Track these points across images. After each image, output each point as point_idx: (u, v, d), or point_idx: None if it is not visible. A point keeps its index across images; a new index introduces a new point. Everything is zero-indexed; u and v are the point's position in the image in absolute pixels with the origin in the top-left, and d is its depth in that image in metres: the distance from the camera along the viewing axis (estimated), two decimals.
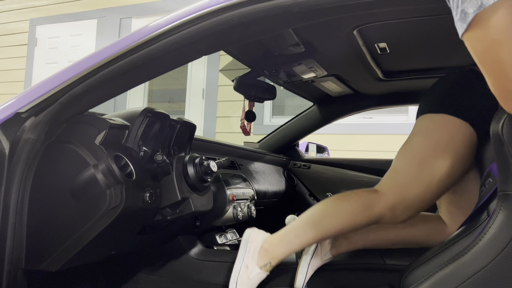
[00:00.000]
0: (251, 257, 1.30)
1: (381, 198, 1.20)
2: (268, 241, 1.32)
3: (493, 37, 0.67)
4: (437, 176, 1.16)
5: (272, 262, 1.30)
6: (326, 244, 1.39)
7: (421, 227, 1.36)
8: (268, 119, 4.60)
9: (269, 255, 1.29)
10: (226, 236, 1.74)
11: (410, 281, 0.93)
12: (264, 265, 1.29)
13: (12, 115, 1.09)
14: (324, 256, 1.39)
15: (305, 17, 0.95)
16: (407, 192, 1.19)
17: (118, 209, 1.08)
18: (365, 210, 1.21)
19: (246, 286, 1.28)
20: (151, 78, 1.21)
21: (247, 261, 1.30)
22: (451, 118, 1.17)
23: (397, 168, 1.24)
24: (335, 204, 1.27)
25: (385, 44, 1.46)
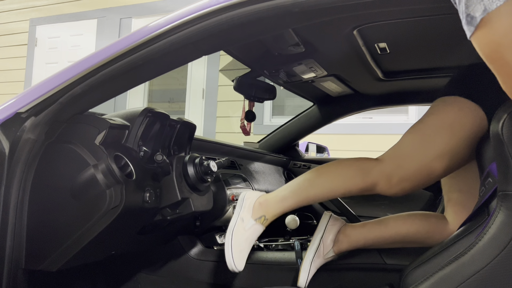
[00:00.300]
0: (246, 211, 1.33)
1: (378, 164, 1.22)
2: (263, 197, 1.35)
3: (498, 40, 0.68)
4: (438, 151, 1.17)
5: (266, 215, 1.31)
6: (328, 242, 1.39)
7: (422, 225, 1.37)
8: (268, 119, 4.60)
9: (263, 209, 1.31)
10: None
11: (410, 281, 0.93)
12: (258, 217, 1.31)
13: (12, 115, 1.09)
14: (327, 254, 1.39)
15: (305, 17, 0.95)
16: (405, 163, 1.20)
17: (118, 209, 1.08)
18: (361, 174, 1.22)
19: (242, 237, 1.29)
20: (151, 78, 1.21)
21: (243, 214, 1.32)
22: (462, 100, 1.18)
23: (401, 141, 1.26)
24: (332, 165, 1.30)
25: (385, 44, 1.46)
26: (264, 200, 1.33)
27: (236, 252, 1.27)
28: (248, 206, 1.33)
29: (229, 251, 1.27)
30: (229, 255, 1.27)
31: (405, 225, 1.38)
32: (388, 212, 2.28)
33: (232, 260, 1.26)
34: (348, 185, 1.24)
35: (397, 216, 1.42)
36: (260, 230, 1.32)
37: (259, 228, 1.32)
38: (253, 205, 1.33)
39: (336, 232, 1.41)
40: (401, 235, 1.38)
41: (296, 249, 1.50)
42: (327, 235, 1.40)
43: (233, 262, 1.26)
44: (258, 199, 1.34)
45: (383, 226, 1.40)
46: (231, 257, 1.26)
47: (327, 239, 1.40)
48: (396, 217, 1.42)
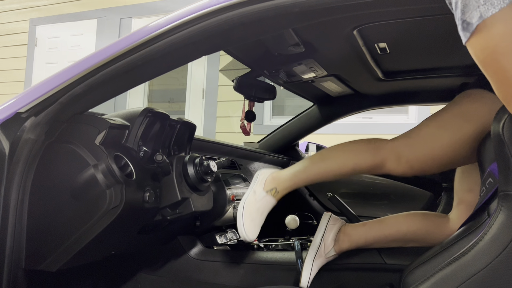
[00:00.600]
0: (259, 184, 1.36)
1: (390, 142, 1.26)
2: (276, 172, 1.38)
3: (493, 47, 0.69)
4: (451, 137, 1.17)
5: (278, 188, 1.34)
6: (329, 242, 1.40)
7: (422, 224, 1.37)
8: (268, 119, 4.60)
9: (275, 182, 1.35)
10: (226, 236, 1.74)
11: (410, 281, 0.93)
12: (270, 189, 1.34)
13: (12, 115, 1.09)
14: (328, 253, 1.40)
15: (305, 17, 0.95)
16: (417, 145, 1.22)
17: (118, 209, 1.08)
18: (372, 150, 1.25)
19: (253, 207, 1.33)
20: (151, 78, 1.21)
21: (255, 187, 1.36)
22: (487, 93, 1.17)
23: (416, 126, 1.28)
24: (345, 142, 1.33)
25: (385, 44, 1.45)
26: (276, 175, 1.36)
27: (247, 221, 1.31)
28: (261, 180, 1.37)
29: (240, 221, 1.31)
30: (240, 224, 1.30)
31: (405, 224, 1.38)
32: (388, 212, 2.28)
33: (244, 229, 1.30)
34: (358, 161, 1.26)
35: (397, 216, 1.42)
36: (272, 202, 1.35)
37: (271, 200, 1.35)
38: (265, 179, 1.36)
39: (337, 231, 1.42)
40: (401, 233, 1.39)
41: (296, 249, 1.50)
42: (328, 234, 1.41)
43: (244, 231, 1.30)
44: (272, 174, 1.37)
45: (384, 225, 1.40)
46: (242, 227, 1.30)
47: (328, 238, 1.40)
48: (396, 216, 1.42)
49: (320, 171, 1.31)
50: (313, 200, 2.39)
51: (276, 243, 1.68)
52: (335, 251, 1.41)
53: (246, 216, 1.32)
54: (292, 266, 1.49)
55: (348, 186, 2.40)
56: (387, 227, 1.40)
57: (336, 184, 2.40)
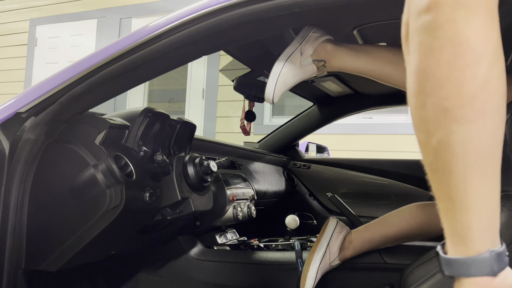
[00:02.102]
0: (309, 45, 1.18)
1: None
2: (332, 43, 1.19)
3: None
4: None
5: (327, 63, 1.18)
6: (334, 250, 1.39)
7: (424, 217, 1.35)
8: (268, 119, 4.60)
9: (328, 54, 1.18)
10: (226, 236, 1.74)
11: (410, 281, 0.93)
12: (318, 60, 1.18)
13: (12, 115, 1.09)
14: (332, 262, 1.39)
15: (305, 17, 0.95)
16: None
17: (118, 209, 1.08)
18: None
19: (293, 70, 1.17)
20: (151, 78, 1.21)
21: (304, 48, 1.18)
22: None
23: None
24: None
25: (385, 44, 1.45)
26: (332, 47, 1.18)
27: (280, 82, 1.16)
28: (313, 41, 1.18)
29: (275, 78, 1.15)
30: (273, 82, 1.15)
31: (407, 220, 1.36)
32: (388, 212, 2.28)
33: (274, 89, 1.15)
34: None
35: (398, 212, 1.41)
36: (313, 72, 1.19)
37: (313, 70, 1.19)
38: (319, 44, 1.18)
39: (343, 239, 1.40)
40: (404, 231, 1.37)
41: (296, 249, 1.50)
42: (334, 242, 1.38)
43: (273, 91, 1.15)
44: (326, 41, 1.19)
45: (386, 226, 1.39)
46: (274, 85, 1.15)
47: (333, 246, 1.38)
48: (397, 213, 1.40)
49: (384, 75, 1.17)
50: (313, 200, 2.39)
51: (276, 243, 1.68)
52: (339, 260, 1.40)
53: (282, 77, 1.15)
54: (292, 266, 1.49)
55: (348, 186, 2.40)
56: (390, 228, 1.38)
57: (336, 184, 2.41)
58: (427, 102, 0.45)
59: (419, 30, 0.46)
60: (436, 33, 0.44)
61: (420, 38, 0.46)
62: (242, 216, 1.68)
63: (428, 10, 0.45)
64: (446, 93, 0.44)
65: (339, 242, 1.38)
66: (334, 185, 2.39)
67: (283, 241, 1.69)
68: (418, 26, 0.47)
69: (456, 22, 0.43)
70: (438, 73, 0.44)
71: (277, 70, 1.17)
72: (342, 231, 1.40)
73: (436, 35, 0.44)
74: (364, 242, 1.40)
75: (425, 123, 0.46)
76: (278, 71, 1.16)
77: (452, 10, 0.43)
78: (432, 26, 0.45)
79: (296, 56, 1.18)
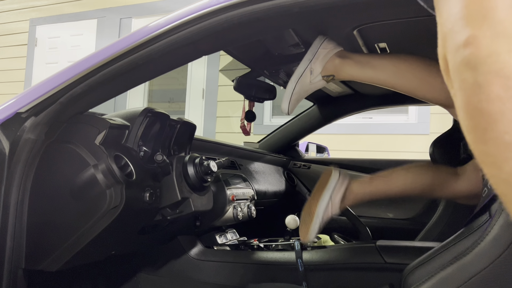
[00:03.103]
0: (319, 63, 1.29)
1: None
2: (340, 57, 1.28)
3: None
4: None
5: (336, 76, 1.29)
6: (336, 201, 1.38)
7: (429, 180, 1.35)
8: (268, 119, 4.60)
9: (336, 69, 1.28)
10: (226, 236, 1.74)
11: (411, 281, 0.93)
12: (327, 75, 1.29)
13: (12, 115, 1.09)
14: (334, 211, 1.39)
15: (305, 17, 0.95)
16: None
17: (118, 209, 1.08)
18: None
19: (305, 87, 1.31)
20: (151, 78, 1.21)
21: (314, 66, 1.29)
22: None
23: None
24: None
25: (385, 44, 1.45)
26: (340, 62, 1.27)
27: (294, 99, 1.31)
28: (322, 58, 1.28)
29: (289, 96, 1.31)
30: (287, 99, 1.31)
31: (412, 180, 1.35)
32: (388, 212, 2.28)
33: (289, 104, 1.32)
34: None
35: (404, 170, 1.38)
36: (323, 85, 1.33)
37: (323, 84, 1.32)
38: (328, 60, 1.28)
39: (345, 190, 1.39)
40: (407, 191, 1.37)
41: (296, 249, 1.50)
42: (336, 193, 1.38)
43: (288, 106, 1.32)
44: (336, 56, 1.28)
45: (390, 183, 1.38)
46: (288, 102, 1.31)
47: (336, 197, 1.37)
48: (403, 171, 1.38)
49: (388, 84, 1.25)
50: None
51: (276, 243, 1.68)
52: (339, 210, 1.39)
53: (296, 94, 1.30)
54: (292, 266, 1.49)
55: None
56: (393, 184, 1.37)
57: None
58: (486, 138, 0.43)
59: (460, 67, 0.44)
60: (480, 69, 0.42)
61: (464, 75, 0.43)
62: (242, 216, 1.68)
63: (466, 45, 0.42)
64: (504, 128, 0.41)
65: (341, 194, 1.37)
66: None
67: (283, 241, 1.69)
68: (458, 62, 0.44)
69: (498, 54, 0.41)
70: (490, 108, 0.41)
71: (290, 89, 1.31)
72: (345, 181, 1.39)
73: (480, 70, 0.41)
74: (365, 194, 1.39)
75: (490, 157, 0.43)
76: (291, 90, 1.31)
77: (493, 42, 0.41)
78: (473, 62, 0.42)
79: (307, 75, 1.30)
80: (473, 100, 0.43)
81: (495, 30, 0.41)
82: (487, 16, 0.42)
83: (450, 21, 0.45)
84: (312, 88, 1.32)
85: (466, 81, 0.43)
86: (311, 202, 1.40)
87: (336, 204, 1.38)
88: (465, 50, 0.43)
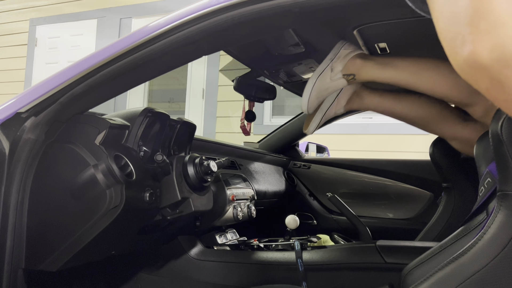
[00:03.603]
0: (340, 62, 1.29)
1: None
2: (361, 57, 1.29)
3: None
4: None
5: (356, 76, 1.28)
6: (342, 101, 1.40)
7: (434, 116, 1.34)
8: (268, 119, 4.60)
9: (357, 68, 1.27)
10: (226, 236, 1.74)
11: (409, 281, 0.93)
12: (348, 74, 1.28)
13: (12, 115, 1.09)
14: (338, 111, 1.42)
15: (305, 17, 0.95)
16: None
17: (118, 209, 1.08)
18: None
19: (325, 85, 1.30)
20: (151, 78, 1.21)
21: (335, 64, 1.29)
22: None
23: None
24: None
25: (385, 44, 1.45)
26: (361, 62, 1.27)
27: (313, 95, 1.29)
28: (344, 57, 1.29)
29: (308, 92, 1.29)
30: (307, 95, 1.29)
31: (417, 109, 1.35)
32: (388, 212, 2.28)
33: (308, 101, 1.29)
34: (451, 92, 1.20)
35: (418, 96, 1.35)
36: (343, 86, 1.31)
37: (343, 84, 1.30)
38: (349, 59, 1.29)
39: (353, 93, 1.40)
40: (409, 117, 1.38)
41: (296, 249, 1.50)
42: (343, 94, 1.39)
43: (307, 104, 1.30)
44: (356, 56, 1.29)
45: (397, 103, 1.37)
46: (307, 99, 1.29)
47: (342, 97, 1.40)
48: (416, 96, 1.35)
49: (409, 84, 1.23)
50: (313, 200, 2.39)
51: (276, 243, 1.68)
52: (344, 110, 1.42)
53: (315, 91, 1.28)
54: (292, 266, 1.49)
55: (348, 186, 2.41)
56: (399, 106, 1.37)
57: (336, 184, 2.41)
58: None
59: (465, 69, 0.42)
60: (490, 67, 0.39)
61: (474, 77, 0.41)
62: (242, 216, 1.68)
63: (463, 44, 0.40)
64: None
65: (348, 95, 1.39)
66: (334, 185, 2.40)
67: (283, 241, 1.69)
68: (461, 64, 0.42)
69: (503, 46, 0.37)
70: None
71: (310, 85, 1.29)
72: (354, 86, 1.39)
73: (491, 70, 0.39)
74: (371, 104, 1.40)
75: None
76: (310, 87, 1.29)
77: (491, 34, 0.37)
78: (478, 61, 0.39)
79: (327, 73, 1.29)
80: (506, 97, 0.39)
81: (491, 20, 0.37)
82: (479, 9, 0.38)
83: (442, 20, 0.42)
84: (332, 87, 1.30)
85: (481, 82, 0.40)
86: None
87: (341, 103, 1.41)
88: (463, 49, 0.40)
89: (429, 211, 2.12)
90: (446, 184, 1.79)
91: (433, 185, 2.16)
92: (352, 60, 1.29)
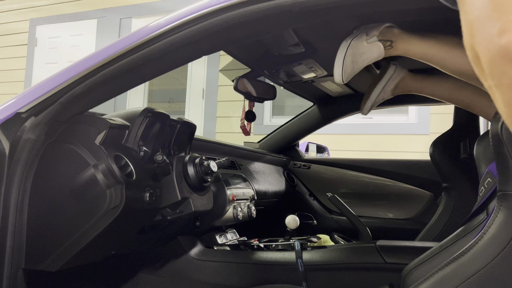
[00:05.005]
0: (376, 28, 1.19)
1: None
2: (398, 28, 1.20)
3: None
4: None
5: (393, 43, 1.17)
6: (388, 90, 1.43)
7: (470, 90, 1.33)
8: (268, 119, 4.60)
9: (394, 36, 1.18)
10: (226, 236, 1.74)
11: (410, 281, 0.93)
12: (384, 40, 1.17)
13: (12, 115, 1.09)
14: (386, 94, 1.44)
15: (305, 17, 0.95)
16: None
17: (118, 209, 1.08)
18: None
19: (360, 49, 1.17)
20: (151, 78, 1.21)
21: (370, 30, 1.19)
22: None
23: None
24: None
25: None
26: (399, 31, 1.18)
27: (348, 60, 1.15)
28: (377, 25, 1.19)
29: (341, 58, 1.14)
30: (340, 62, 1.14)
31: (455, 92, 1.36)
32: (388, 212, 2.28)
33: (342, 67, 1.14)
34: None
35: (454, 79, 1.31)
36: (380, 54, 1.18)
37: (380, 50, 1.17)
38: (383, 27, 1.19)
39: (399, 81, 1.43)
40: (450, 100, 1.39)
41: (296, 249, 1.50)
42: (391, 83, 1.43)
43: (342, 69, 1.14)
44: (391, 27, 1.20)
45: (438, 86, 1.39)
46: (341, 64, 1.14)
47: (389, 86, 1.42)
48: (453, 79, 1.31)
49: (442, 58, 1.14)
50: (313, 200, 2.39)
51: (276, 243, 1.68)
52: (391, 95, 1.44)
53: (349, 56, 1.15)
54: (292, 266, 1.49)
55: (348, 186, 2.41)
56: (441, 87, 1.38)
57: (336, 184, 2.41)
58: None
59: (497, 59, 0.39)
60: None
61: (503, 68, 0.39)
62: (242, 216, 1.68)
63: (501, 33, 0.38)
64: None
65: (395, 83, 1.42)
66: (334, 185, 2.40)
67: (283, 241, 1.69)
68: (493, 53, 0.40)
69: None
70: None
71: (343, 49, 1.15)
72: (400, 74, 1.42)
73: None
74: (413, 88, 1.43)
75: None
76: (344, 50, 1.15)
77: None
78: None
79: (362, 36, 1.17)
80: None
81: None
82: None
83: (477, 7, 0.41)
84: (368, 52, 1.17)
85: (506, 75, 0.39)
86: (371, 87, 1.45)
87: (388, 91, 1.43)
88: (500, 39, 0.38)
89: (429, 211, 2.12)
90: (446, 184, 1.79)
91: (433, 185, 2.17)
92: (388, 28, 1.20)
